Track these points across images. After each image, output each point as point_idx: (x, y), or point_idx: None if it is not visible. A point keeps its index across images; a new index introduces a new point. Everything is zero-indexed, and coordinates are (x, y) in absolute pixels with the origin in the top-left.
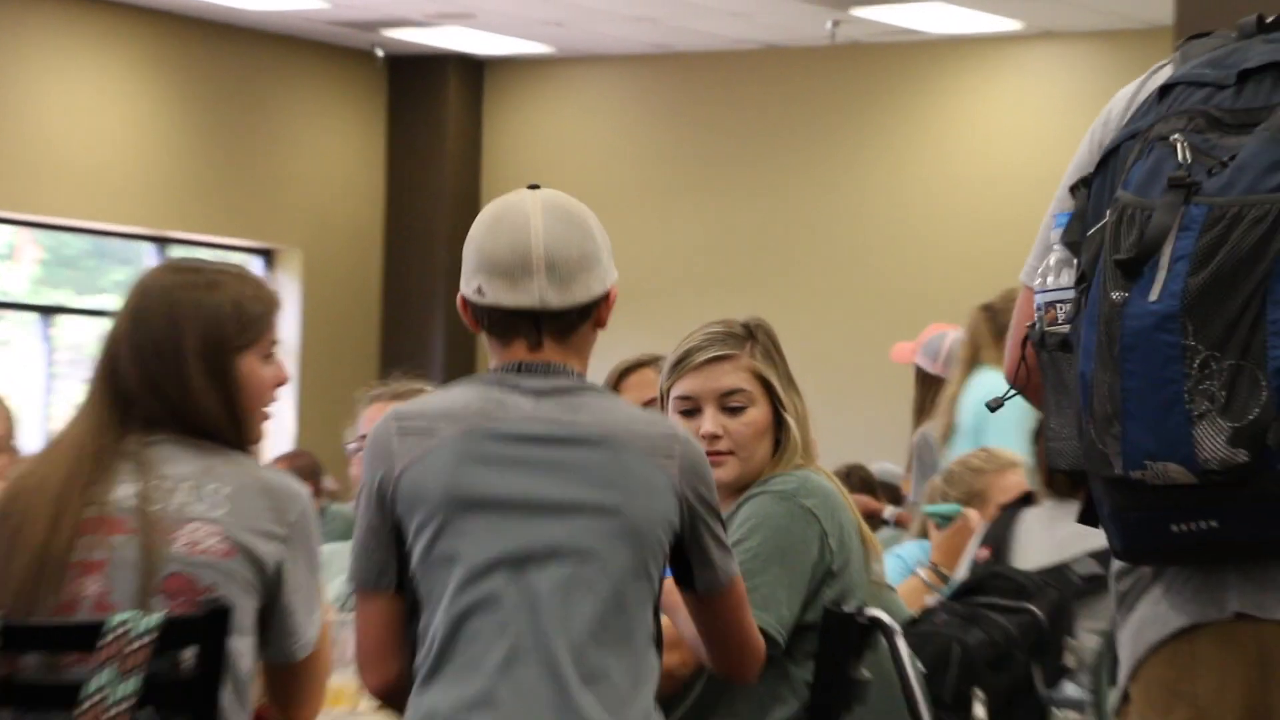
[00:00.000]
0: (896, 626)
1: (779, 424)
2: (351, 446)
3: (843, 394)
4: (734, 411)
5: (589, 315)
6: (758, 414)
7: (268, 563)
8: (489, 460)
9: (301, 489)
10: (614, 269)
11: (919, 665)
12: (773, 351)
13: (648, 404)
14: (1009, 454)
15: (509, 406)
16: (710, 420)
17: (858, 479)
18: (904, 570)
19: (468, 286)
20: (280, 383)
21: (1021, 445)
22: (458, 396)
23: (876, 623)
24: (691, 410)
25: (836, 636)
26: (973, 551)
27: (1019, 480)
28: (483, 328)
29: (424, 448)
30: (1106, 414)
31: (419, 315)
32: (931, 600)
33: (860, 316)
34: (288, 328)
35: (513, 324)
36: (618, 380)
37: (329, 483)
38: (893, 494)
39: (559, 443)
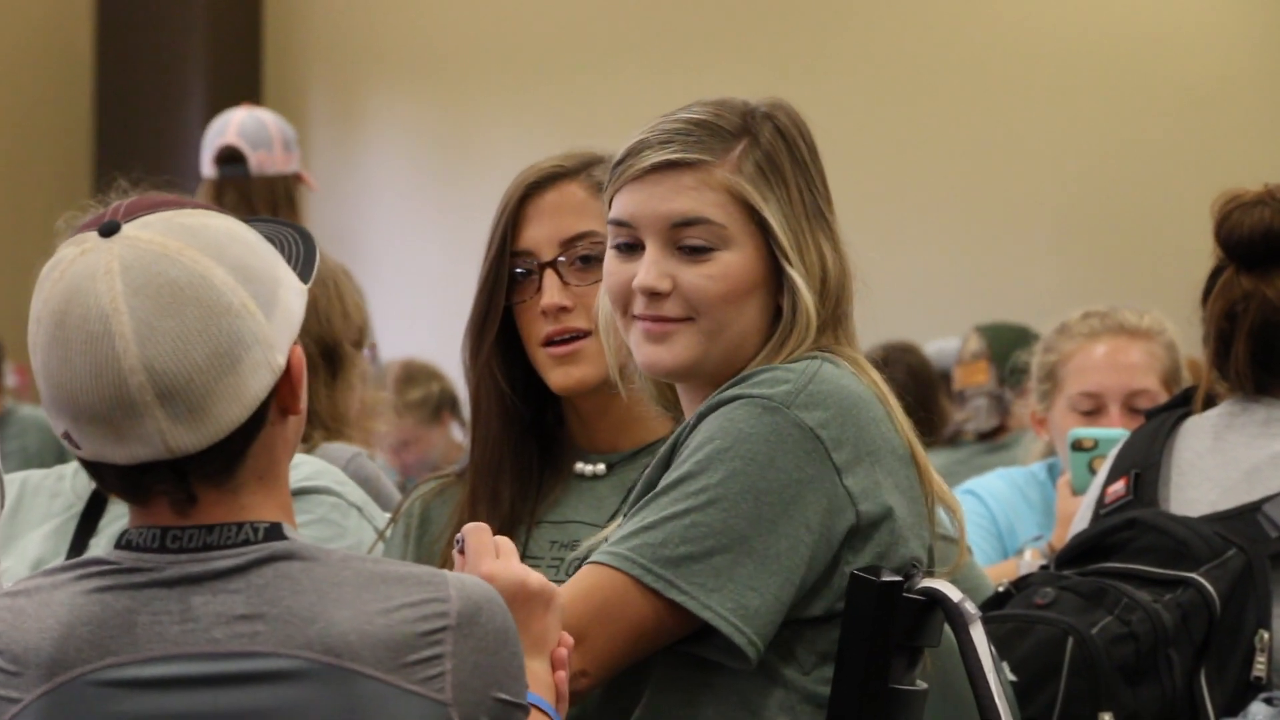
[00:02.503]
0: (972, 609)
1: (781, 283)
2: None
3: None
4: (693, 254)
5: (261, 422)
6: (734, 261)
7: None
8: None
9: None
10: (290, 310)
11: (1006, 671)
12: (782, 160)
13: (571, 243)
14: (1145, 317)
15: (141, 626)
16: (650, 263)
17: (904, 368)
18: (1002, 519)
19: (53, 425)
20: None
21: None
22: (61, 609)
23: (938, 601)
24: (629, 243)
25: (871, 622)
26: (1098, 486)
27: (1154, 363)
28: (104, 488)
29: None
30: None
31: (158, 84)
32: (1031, 565)
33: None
34: None
35: (140, 482)
36: (519, 204)
37: (12, 375)
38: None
39: (224, 684)
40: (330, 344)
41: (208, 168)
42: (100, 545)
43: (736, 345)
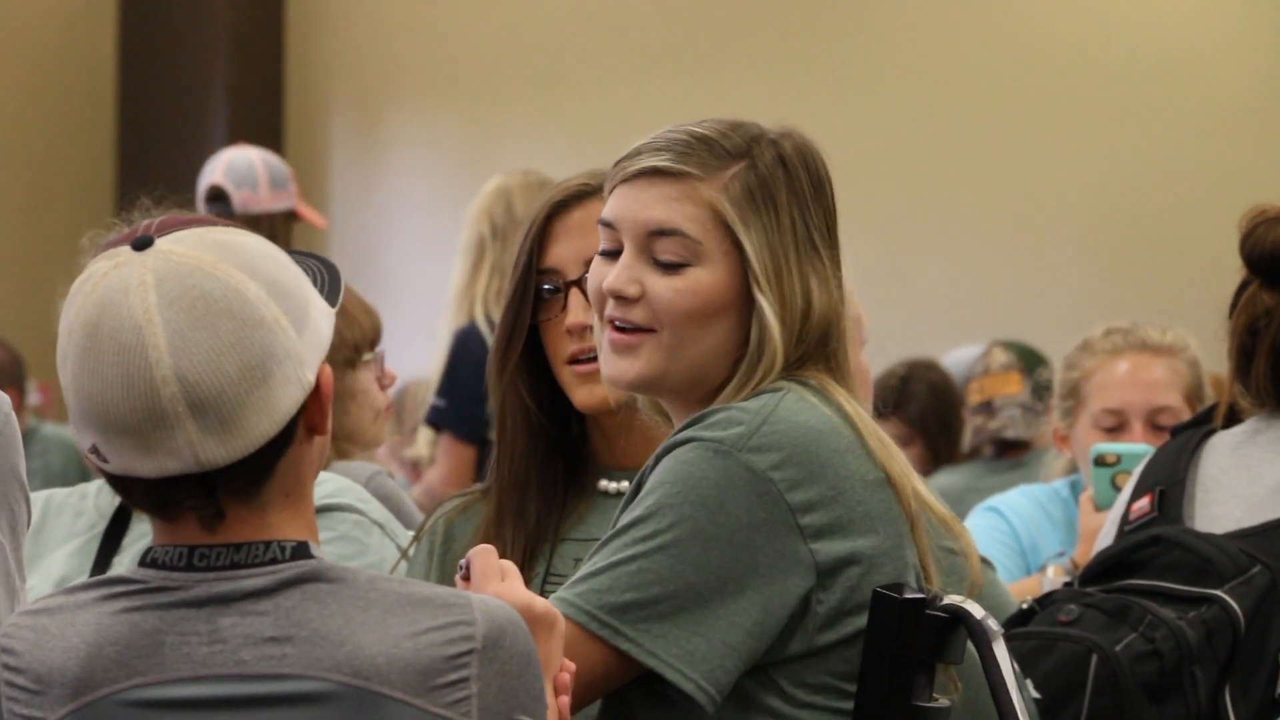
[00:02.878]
0: (995, 626)
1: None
2: None
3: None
4: (668, 268)
5: (290, 439)
6: (705, 279)
7: None
8: None
9: (0, 397)
10: (320, 330)
11: (1030, 688)
12: (777, 188)
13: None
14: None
15: (169, 647)
16: (622, 267)
17: (924, 385)
18: (1024, 535)
19: (80, 440)
20: None
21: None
22: (87, 629)
23: (961, 618)
24: (613, 249)
25: (894, 639)
26: (1123, 503)
27: (1177, 380)
28: (131, 504)
29: None
30: None
31: (181, 104)
32: (1054, 582)
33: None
34: None
35: (168, 497)
36: (545, 223)
37: (35, 394)
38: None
39: (253, 706)
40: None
41: (201, 206)
42: (124, 563)
43: (701, 365)
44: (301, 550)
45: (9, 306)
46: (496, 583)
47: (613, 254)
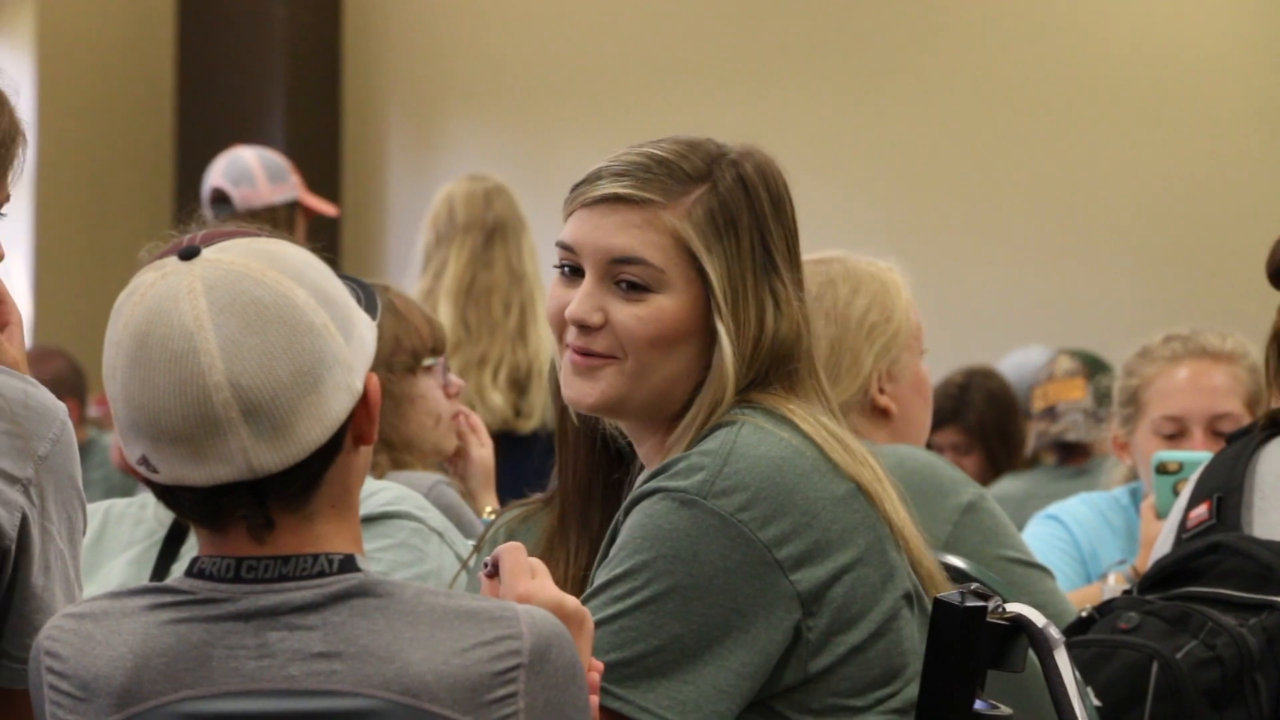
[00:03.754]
0: (1056, 634)
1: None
2: None
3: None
4: (629, 291)
5: (339, 447)
6: (668, 306)
7: (1, 521)
8: None
9: (58, 405)
10: (365, 339)
11: (1091, 697)
12: (739, 211)
13: None
14: (1228, 339)
15: (216, 660)
16: (585, 295)
17: (982, 394)
18: (1085, 543)
19: (128, 452)
20: None
21: None
22: (133, 638)
23: (1023, 626)
24: (574, 267)
25: (954, 647)
26: (1180, 510)
27: (1237, 386)
28: (180, 514)
29: None
30: None
31: (239, 116)
32: (1115, 590)
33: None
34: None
35: (219, 506)
36: None
37: (94, 406)
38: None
39: None
40: (383, 369)
41: (206, 212)
42: (181, 572)
43: (663, 390)
44: (349, 563)
45: (69, 318)
46: (527, 580)
47: (571, 272)
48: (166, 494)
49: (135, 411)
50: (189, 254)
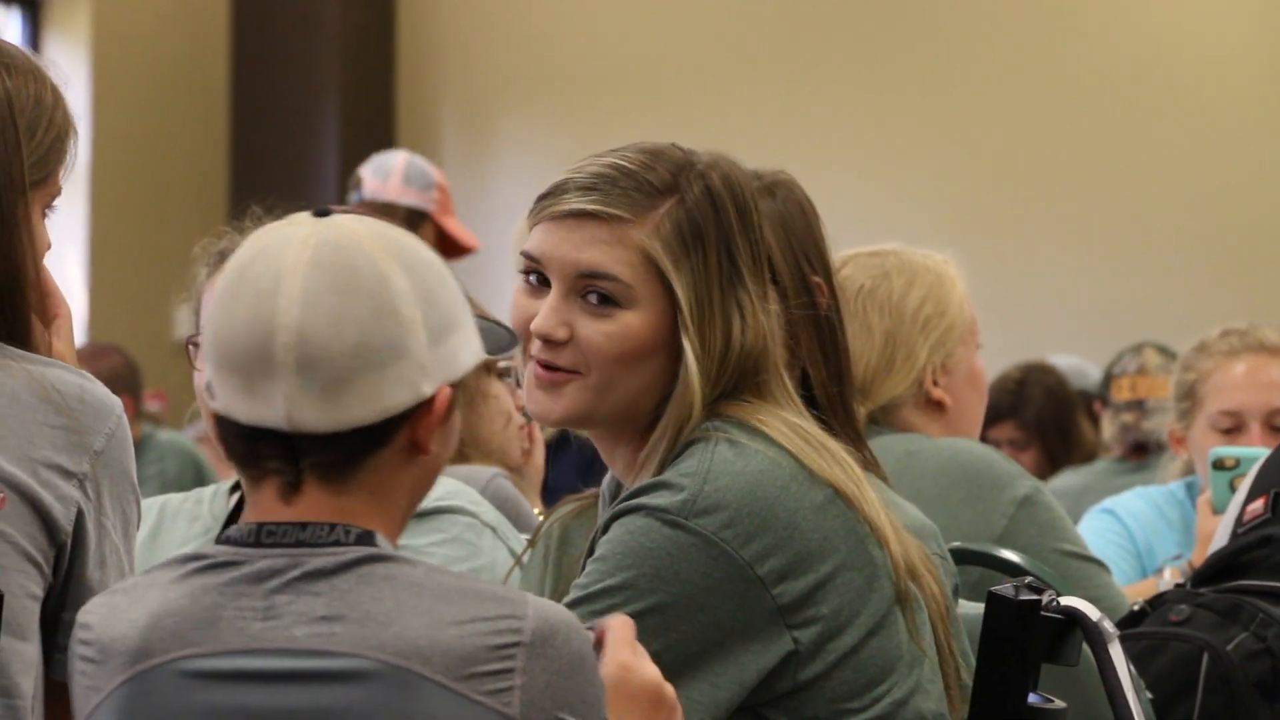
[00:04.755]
0: (1110, 627)
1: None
2: (190, 336)
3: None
4: (596, 306)
5: (387, 440)
6: (635, 322)
7: (57, 515)
8: None
9: (113, 400)
10: (456, 356)
11: (1144, 690)
12: (706, 225)
13: None
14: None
15: (225, 621)
16: (551, 309)
17: (1040, 389)
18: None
19: (206, 374)
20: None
21: None
22: (153, 599)
23: (1077, 619)
24: (539, 276)
25: (1008, 641)
26: (1238, 505)
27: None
28: (226, 449)
29: (86, 701)
30: None
31: (293, 113)
32: (1170, 584)
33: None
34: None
35: (256, 450)
36: None
37: (152, 401)
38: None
39: (299, 681)
40: None
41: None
42: None
43: (628, 403)
44: (367, 537)
45: (125, 315)
46: (629, 653)
47: (537, 283)
48: (218, 422)
49: (212, 337)
50: (322, 213)
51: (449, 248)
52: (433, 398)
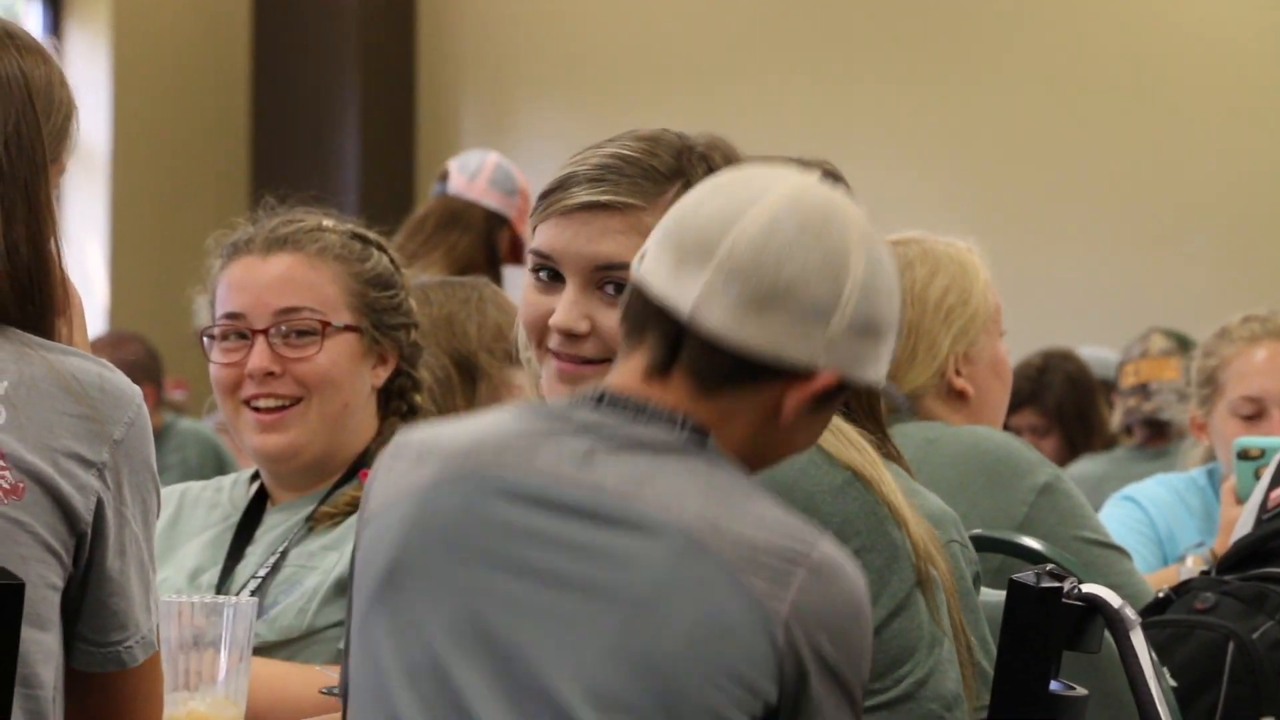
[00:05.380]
0: (1132, 615)
1: None
2: (205, 327)
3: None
4: (615, 296)
5: (757, 378)
6: None
7: (77, 505)
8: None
9: (133, 389)
10: (866, 357)
11: (1167, 676)
12: None
13: None
14: None
15: (543, 456)
16: (570, 303)
17: (1061, 376)
18: (1162, 525)
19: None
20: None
21: None
22: (487, 424)
23: (1098, 607)
24: (550, 272)
25: (1030, 628)
26: (1262, 491)
27: None
28: (624, 320)
29: (395, 490)
30: None
31: (314, 102)
32: (1192, 572)
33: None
34: (92, 121)
35: (643, 324)
36: None
37: (174, 390)
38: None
39: (591, 520)
40: (465, 355)
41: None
42: (256, 554)
43: None
44: (701, 434)
45: (146, 305)
46: None
47: (548, 279)
48: (630, 291)
49: (678, 208)
50: (831, 175)
51: (522, 257)
52: (817, 376)
